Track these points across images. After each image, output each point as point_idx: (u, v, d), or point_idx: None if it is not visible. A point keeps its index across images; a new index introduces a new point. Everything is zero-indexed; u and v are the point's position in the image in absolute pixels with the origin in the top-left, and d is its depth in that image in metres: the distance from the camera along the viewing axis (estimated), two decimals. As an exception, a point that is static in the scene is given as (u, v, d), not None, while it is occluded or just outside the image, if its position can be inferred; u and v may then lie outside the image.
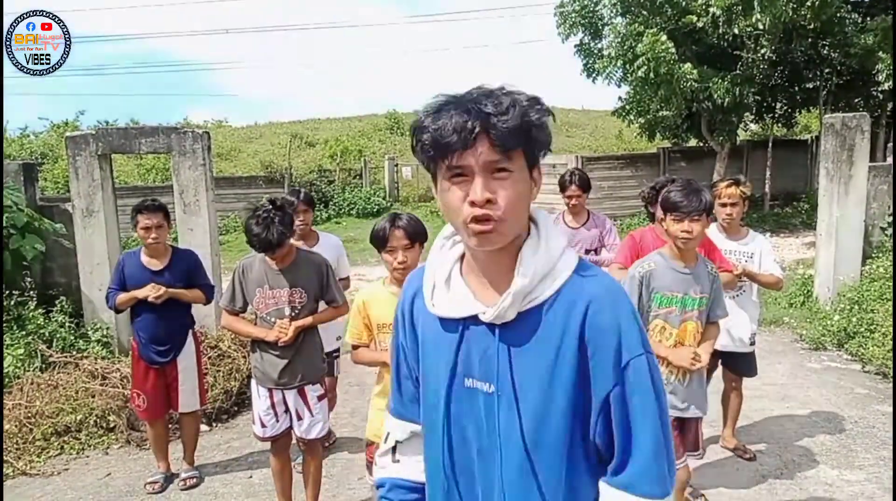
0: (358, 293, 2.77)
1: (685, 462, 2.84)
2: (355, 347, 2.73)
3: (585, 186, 4.28)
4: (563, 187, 4.33)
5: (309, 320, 3.09)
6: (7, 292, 5.37)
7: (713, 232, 3.62)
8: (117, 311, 3.79)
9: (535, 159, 1.11)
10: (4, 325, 5.08)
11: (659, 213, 3.06)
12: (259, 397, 3.12)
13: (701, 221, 2.54)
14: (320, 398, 3.16)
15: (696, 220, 2.53)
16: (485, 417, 1.15)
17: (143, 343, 3.69)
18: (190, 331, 3.83)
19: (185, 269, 3.75)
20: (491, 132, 1.02)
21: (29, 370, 4.71)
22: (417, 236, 2.58)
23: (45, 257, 5.58)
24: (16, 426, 4.26)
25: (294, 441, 3.26)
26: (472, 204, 1.03)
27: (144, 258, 3.69)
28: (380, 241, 2.56)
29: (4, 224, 5.26)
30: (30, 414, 4.35)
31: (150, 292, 3.56)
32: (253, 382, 3.18)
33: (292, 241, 3.13)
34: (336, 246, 4.14)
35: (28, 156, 17.89)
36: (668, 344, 2.68)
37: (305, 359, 3.09)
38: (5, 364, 4.70)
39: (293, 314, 3.03)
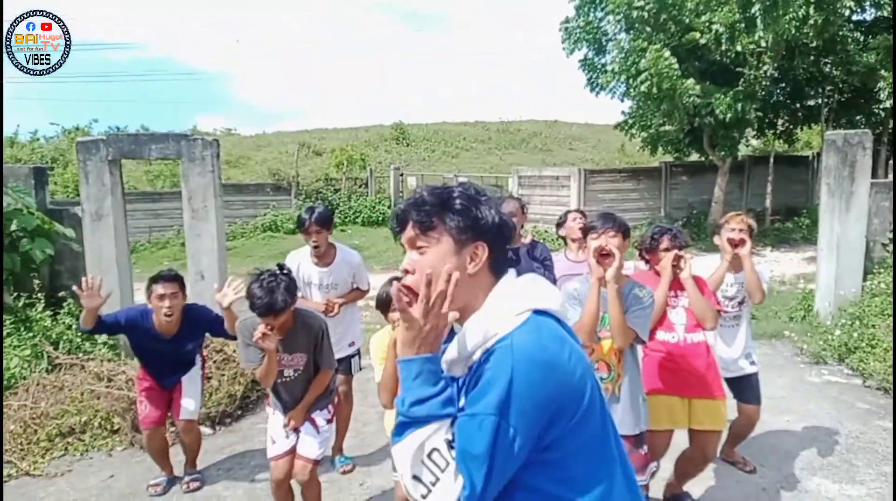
0: (373, 340, 2.84)
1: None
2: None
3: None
4: (559, 226, 4.40)
5: (308, 398, 3.16)
6: (15, 293, 5.43)
7: (714, 262, 3.59)
8: (85, 330, 3.62)
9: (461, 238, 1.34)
10: (12, 326, 5.13)
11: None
12: (273, 416, 3.20)
13: (616, 238, 2.73)
14: (328, 421, 3.25)
15: (612, 236, 2.74)
16: None
17: (151, 375, 3.77)
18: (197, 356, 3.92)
19: (196, 329, 3.76)
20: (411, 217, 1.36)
21: (35, 372, 4.75)
22: None
23: (54, 259, 5.64)
24: (20, 426, 4.29)
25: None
26: (404, 272, 1.37)
27: (156, 323, 3.61)
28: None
29: (15, 227, 5.32)
30: (35, 415, 4.38)
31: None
32: (268, 408, 3.26)
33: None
34: (353, 264, 4.02)
35: (39, 160, 18.02)
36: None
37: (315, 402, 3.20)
38: (12, 365, 4.74)
39: (295, 375, 3.10)
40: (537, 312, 1.30)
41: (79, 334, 5.35)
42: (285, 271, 2.92)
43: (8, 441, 4.18)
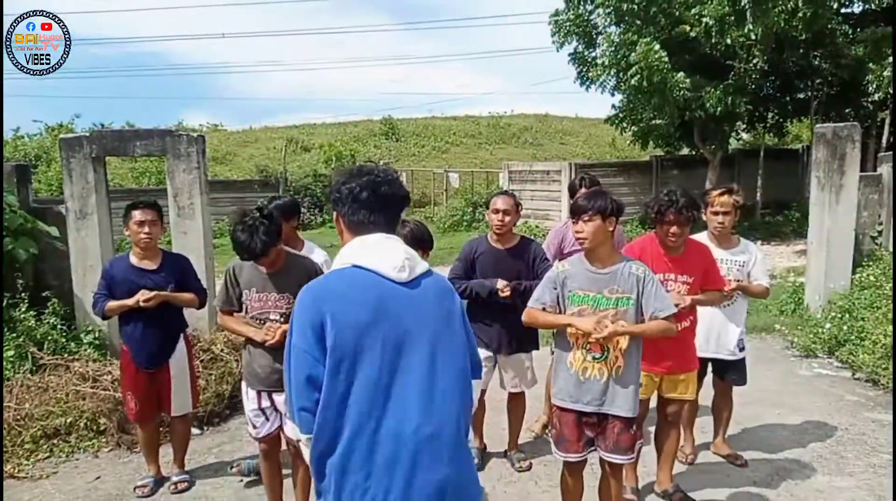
0: None
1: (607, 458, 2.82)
2: None
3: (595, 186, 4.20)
4: (573, 192, 4.25)
5: None
6: (-2, 293, 5.34)
7: (703, 240, 3.63)
8: (104, 317, 3.74)
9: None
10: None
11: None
12: (248, 398, 3.13)
13: (592, 221, 2.66)
14: None
15: (586, 220, 2.67)
16: None
17: (134, 349, 3.64)
18: (182, 334, 3.79)
19: (177, 271, 3.70)
20: None
21: (19, 373, 4.67)
22: (420, 242, 2.60)
23: (38, 259, 5.55)
24: (4, 429, 4.22)
25: (283, 446, 3.25)
26: None
27: (134, 259, 3.63)
28: None
29: (-4, 226, 5.23)
30: (19, 417, 4.31)
31: (140, 297, 3.48)
32: (243, 383, 3.17)
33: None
34: (317, 262, 3.67)
35: (22, 158, 17.80)
36: (583, 341, 2.72)
37: None
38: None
39: (280, 319, 3.02)
40: (356, 266, 1.68)
41: (64, 334, 5.27)
42: (265, 213, 2.93)
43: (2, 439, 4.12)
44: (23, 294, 5.40)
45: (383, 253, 1.69)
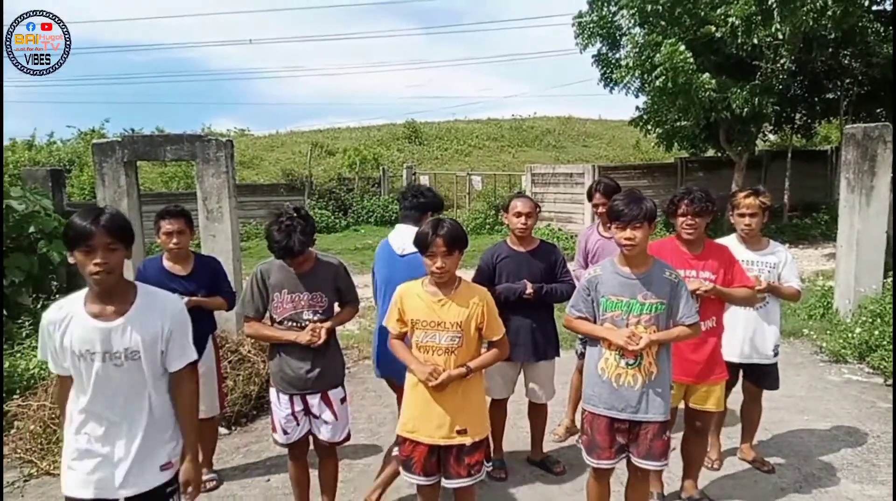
0: (400, 285, 2.86)
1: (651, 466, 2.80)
2: (393, 336, 2.86)
3: (610, 193, 4.24)
4: (590, 196, 4.36)
5: (336, 321, 3.13)
6: (34, 295, 5.51)
7: (732, 243, 3.61)
8: None
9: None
10: (31, 327, 5.20)
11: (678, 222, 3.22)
12: (280, 405, 3.11)
13: (642, 228, 2.65)
14: (343, 400, 3.19)
15: (637, 227, 2.64)
16: None
17: None
18: (210, 336, 3.86)
19: (208, 275, 3.77)
20: None
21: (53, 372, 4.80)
22: (457, 243, 2.66)
23: (71, 261, 5.71)
24: (40, 426, 4.34)
25: (311, 447, 3.30)
26: None
27: (167, 264, 3.70)
28: (422, 245, 2.68)
29: (32, 230, 5.39)
30: (54, 415, 4.43)
31: None
32: (272, 390, 3.17)
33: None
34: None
35: (56, 163, 18.28)
36: (616, 346, 2.72)
37: (328, 362, 3.10)
38: (31, 366, 4.81)
39: (316, 318, 3.05)
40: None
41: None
42: (302, 214, 2.97)
43: (28, 440, 4.23)
44: (56, 295, 5.56)
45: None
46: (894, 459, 3.82)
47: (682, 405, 3.34)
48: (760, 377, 3.75)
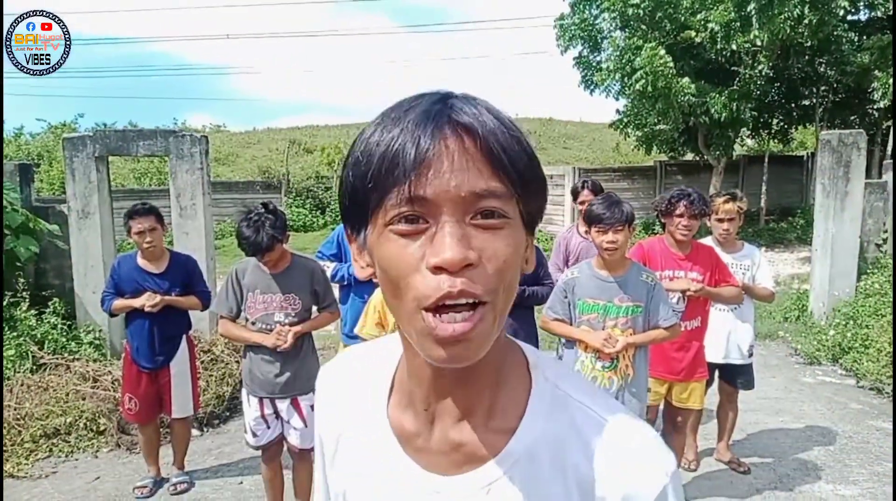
0: (377, 291, 2.77)
1: None
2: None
3: (598, 191, 4.23)
4: (575, 195, 4.32)
5: (308, 325, 3.05)
6: (-1, 292, 5.33)
7: (708, 245, 3.64)
8: (112, 315, 3.76)
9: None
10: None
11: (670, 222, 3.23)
12: (249, 406, 3.07)
13: (623, 231, 2.64)
14: (313, 407, 3.12)
15: (618, 230, 2.64)
16: None
17: (137, 348, 3.62)
18: (184, 336, 3.78)
19: (183, 274, 3.68)
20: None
21: (19, 372, 4.67)
22: None
23: (39, 258, 5.55)
24: (4, 428, 4.21)
25: (286, 449, 3.23)
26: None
27: (141, 261, 3.61)
28: None
29: (-1, 224, 5.23)
30: (19, 416, 4.30)
31: (147, 301, 3.48)
32: (243, 390, 3.12)
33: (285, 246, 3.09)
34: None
35: (24, 157, 17.84)
36: (592, 348, 2.72)
37: (299, 368, 3.02)
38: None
39: (287, 320, 2.98)
40: None
41: (64, 333, 5.27)
42: (271, 209, 2.91)
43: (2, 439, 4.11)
44: (24, 293, 5.40)
45: None
46: (894, 460, 3.89)
47: (661, 404, 3.35)
48: (735, 377, 3.78)
